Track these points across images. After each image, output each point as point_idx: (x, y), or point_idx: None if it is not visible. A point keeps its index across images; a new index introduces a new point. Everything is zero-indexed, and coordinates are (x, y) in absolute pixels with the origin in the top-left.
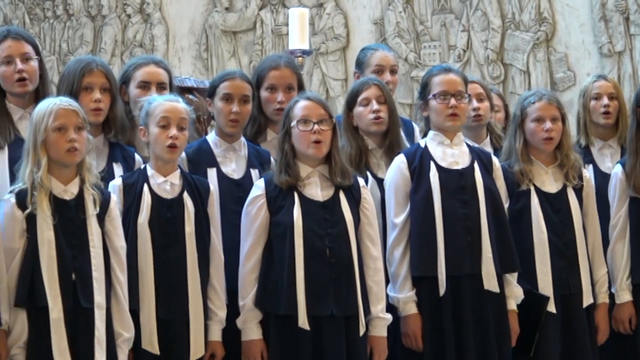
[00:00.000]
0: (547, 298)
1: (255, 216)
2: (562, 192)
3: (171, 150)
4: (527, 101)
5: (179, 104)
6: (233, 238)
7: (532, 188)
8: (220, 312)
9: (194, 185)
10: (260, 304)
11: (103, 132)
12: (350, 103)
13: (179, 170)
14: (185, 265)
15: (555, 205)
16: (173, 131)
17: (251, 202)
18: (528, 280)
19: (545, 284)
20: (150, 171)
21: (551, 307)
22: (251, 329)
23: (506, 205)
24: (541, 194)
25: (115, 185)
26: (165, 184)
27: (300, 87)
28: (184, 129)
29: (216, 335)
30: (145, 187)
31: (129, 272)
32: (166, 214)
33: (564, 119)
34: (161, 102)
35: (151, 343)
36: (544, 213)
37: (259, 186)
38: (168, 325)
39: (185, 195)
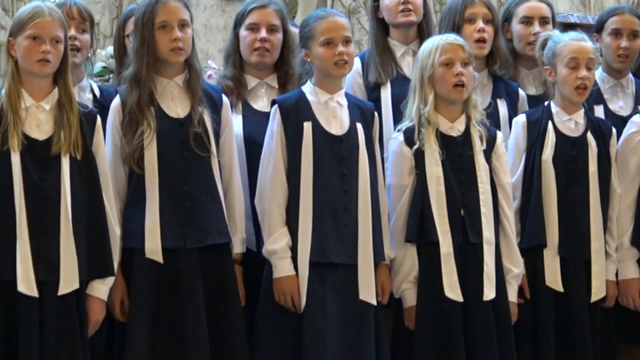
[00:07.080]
0: None
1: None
2: None
3: (580, 92)
4: None
5: (587, 43)
6: None
7: None
8: (615, 253)
9: (597, 125)
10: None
11: (487, 66)
12: None
13: (583, 110)
14: (588, 204)
15: None
16: (583, 72)
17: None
18: None
19: None
20: (555, 109)
21: None
22: (629, 267)
23: None
24: None
25: (519, 122)
26: (570, 122)
27: None
28: (591, 69)
29: (610, 274)
30: (550, 124)
31: (529, 210)
32: (570, 151)
33: None
34: (569, 42)
35: (555, 281)
36: None
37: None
38: (567, 264)
39: (589, 134)
